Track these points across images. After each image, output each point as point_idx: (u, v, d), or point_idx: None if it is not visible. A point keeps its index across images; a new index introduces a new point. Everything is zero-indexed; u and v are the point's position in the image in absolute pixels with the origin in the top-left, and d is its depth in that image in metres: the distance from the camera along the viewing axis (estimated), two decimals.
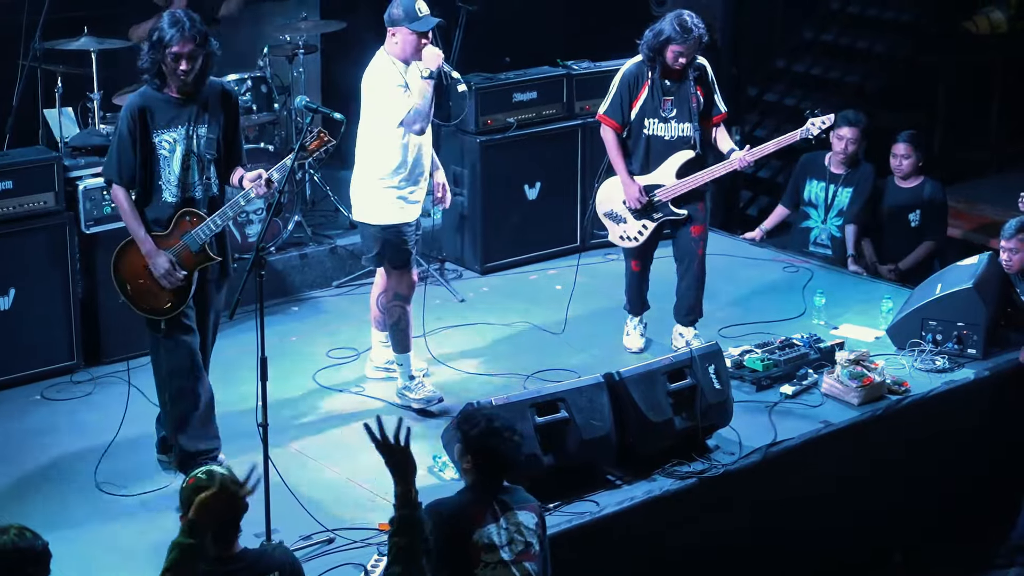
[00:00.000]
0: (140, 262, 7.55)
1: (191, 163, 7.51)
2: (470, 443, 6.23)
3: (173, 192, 7.51)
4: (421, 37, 8.27)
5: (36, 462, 8.14)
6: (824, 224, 11.29)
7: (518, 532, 6.20)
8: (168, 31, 7.34)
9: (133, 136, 7.46)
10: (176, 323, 7.60)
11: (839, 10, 15.37)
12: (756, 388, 8.93)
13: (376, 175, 8.51)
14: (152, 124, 7.46)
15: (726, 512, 8.06)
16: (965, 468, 9.22)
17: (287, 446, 8.15)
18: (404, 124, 8.32)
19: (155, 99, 7.51)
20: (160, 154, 7.48)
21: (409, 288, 8.68)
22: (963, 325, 9.32)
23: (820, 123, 9.21)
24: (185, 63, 7.36)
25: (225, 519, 5.54)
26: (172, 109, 7.49)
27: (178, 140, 7.48)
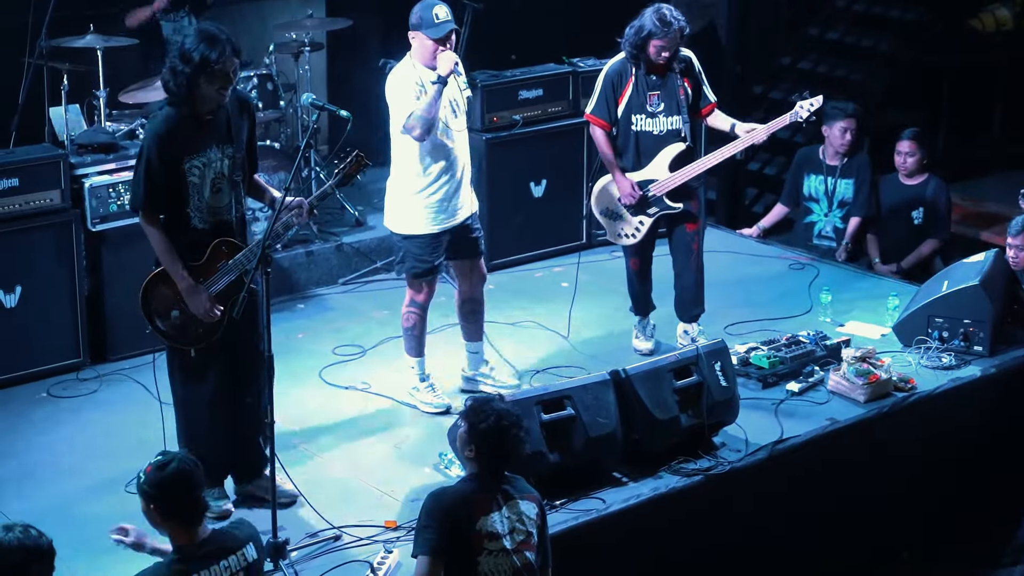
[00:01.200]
0: (173, 294, 7.18)
1: (222, 186, 7.17)
2: (476, 434, 6.23)
3: (204, 219, 7.15)
4: (437, 43, 8.23)
5: (42, 459, 8.14)
6: (828, 216, 11.30)
7: (519, 522, 6.24)
8: (210, 50, 6.90)
9: (164, 165, 7.03)
10: (203, 352, 7.31)
11: (844, 8, 15.36)
12: (762, 385, 8.93)
13: (398, 183, 8.50)
14: (181, 151, 7.06)
15: (732, 509, 8.05)
16: (971, 465, 9.21)
17: (293, 443, 8.15)
18: (405, 130, 8.28)
19: (182, 123, 7.07)
20: (191, 180, 7.08)
21: (426, 298, 8.62)
22: (969, 322, 9.31)
23: (808, 105, 9.20)
24: (231, 82, 7.01)
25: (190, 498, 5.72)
26: (200, 132, 7.11)
27: (208, 164, 7.11)
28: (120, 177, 9.28)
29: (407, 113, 8.25)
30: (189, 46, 6.95)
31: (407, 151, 8.40)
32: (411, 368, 8.76)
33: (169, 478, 5.75)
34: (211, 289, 7.15)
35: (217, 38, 6.95)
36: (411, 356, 8.73)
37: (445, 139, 8.38)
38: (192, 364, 7.31)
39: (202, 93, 7.00)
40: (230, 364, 7.38)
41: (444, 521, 6.10)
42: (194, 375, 7.34)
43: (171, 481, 5.75)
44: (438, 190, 8.42)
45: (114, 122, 10.01)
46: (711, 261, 9.63)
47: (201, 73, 6.93)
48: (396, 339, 9.70)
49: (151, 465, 5.81)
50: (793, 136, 13.33)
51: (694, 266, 9.39)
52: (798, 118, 9.23)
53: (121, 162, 9.36)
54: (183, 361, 7.33)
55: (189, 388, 7.38)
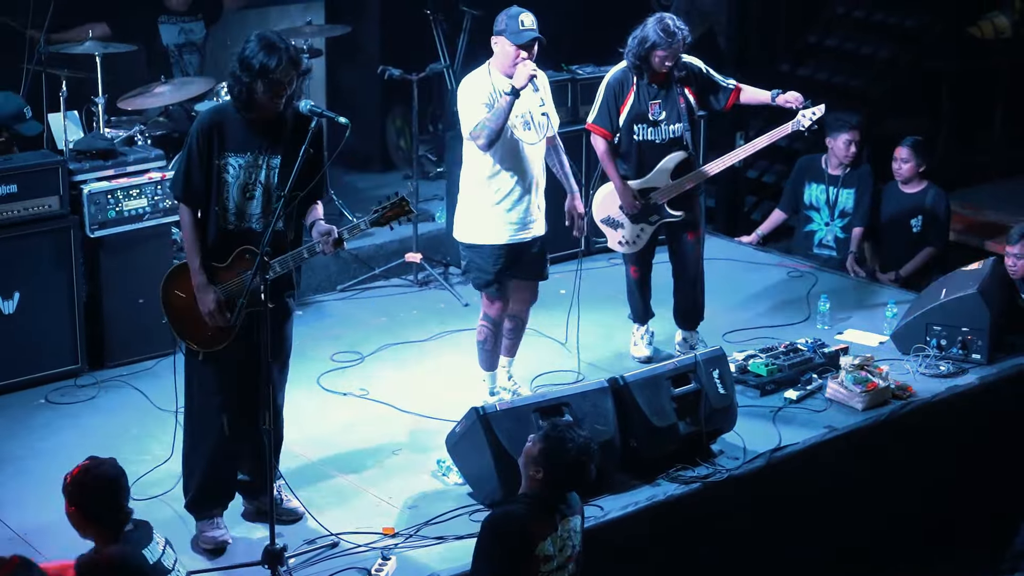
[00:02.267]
0: (190, 289, 7.09)
1: (256, 193, 7.04)
2: (551, 464, 6.27)
3: (230, 220, 7.04)
4: (519, 50, 8.18)
5: (40, 466, 8.13)
6: (829, 226, 11.30)
7: (569, 538, 6.35)
8: (269, 58, 6.85)
9: (202, 154, 7.00)
10: (215, 358, 7.16)
11: (844, 15, 15.37)
12: (760, 393, 8.93)
13: (467, 192, 8.48)
14: (221, 144, 6.99)
15: (730, 517, 8.05)
16: (969, 473, 9.20)
17: (291, 450, 8.14)
18: (471, 137, 8.25)
19: (232, 117, 7.03)
20: (223, 177, 7.01)
21: (497, 312, 8.56)
22: (968, 330, 9.32)
23: (811, 114, 9.21)
24: (288, 88, 6.94)
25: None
26: (246, 132, 7.03)
27: (244, 166, 7.00)
28: (119, 183, 9.27)
29: (475, 120, 8.22)
30: (249, 53, 6.90)
31: (477, 160, 8.38)
32: (482, 381, 8.75)
33: (95, 480, 5.93)
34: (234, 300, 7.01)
35: (276, 46, 6.89)
36: (483, 370, 8.74)
37: (516, 152, 8.33)
38: (210, 375, 7.19)
39: (258, 100, 6.95)
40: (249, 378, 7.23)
41: (503, 551, 6.16)
42: (211, 387, 7.22)
43: (96, 484, 5.94)
44: (506, 202, 8.36)
45: (113, 128, 10.00)
46: (710, 269, 9.63)
47: (259, 80, 6.88)
48: (394, 346, 9.76)
49: (79, 467, 5.96)
50: (792, 143, 13.33)
51: (693, 274, 9.39)
52: (800, 127, 9.24)
53: (119, 168, 9.36)
54: (201, 371, 7.22)
55: (204, 400, 7.25)
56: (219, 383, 7.20)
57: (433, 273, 10.94)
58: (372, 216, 7.09)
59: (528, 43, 8.15)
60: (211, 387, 7.22)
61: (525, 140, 8.34)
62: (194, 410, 7.32)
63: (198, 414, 7.30)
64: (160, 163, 9.44)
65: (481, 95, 8.25)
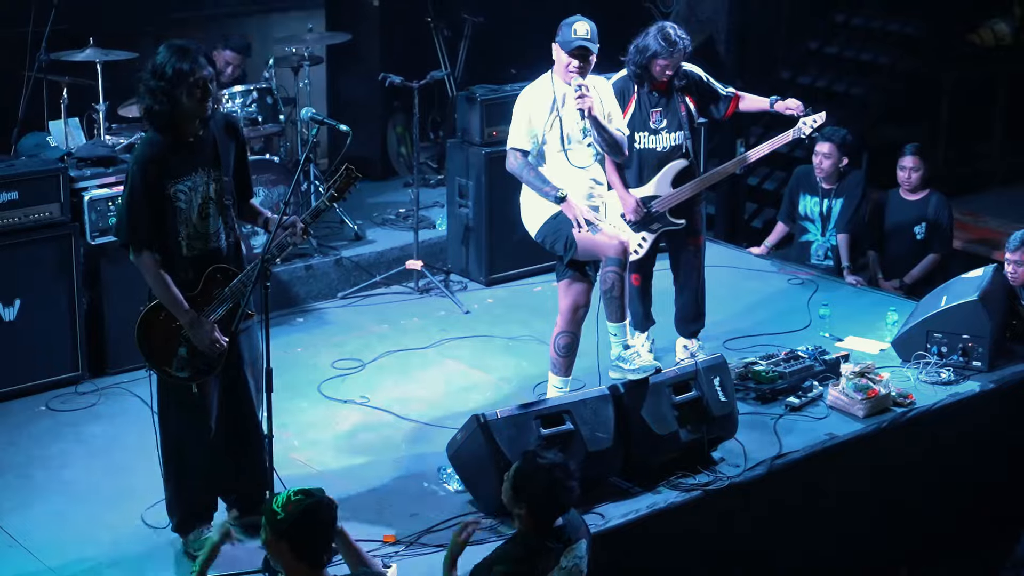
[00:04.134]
0: (169, 327, 6.94)
1: (209, 210, 6.93)
2: (531, 495, 6.25)
3: (193, 245, 6.92)
4: (570, 58, 8.12)
5: (40, 473, 8.13)
6: (823, 237, 11.31)
7: (575, 567, 6.28)
8: (183, 63, 6.70)
9: (149, 191, 6.80)
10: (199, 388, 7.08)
11: (844, 23, 15.39)
12: (761, 400, 8.93)
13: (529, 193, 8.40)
14: (167, 175, 6.82)
15: (731, 524, 8.05)
16: (970, 481, 9.20)
17: (292, 457, 8.15)
18: (508, 150, 8.26)
19: (166, 147, 6.84)
20: (177, 206, 6.85)
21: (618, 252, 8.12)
22: (968, 337, 9.31)
23: (812, 121, 9.23)
24: (210, 87, 6.78)
25: None
26: (185, 155, 6.87)
27: (195, 188, 6.88)
28: (119, 190, 9.23)
29: (523, 126, 8.20)
30: (160, 61, 6.78)
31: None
32: (613, 336, 8.27)
33: (309, 516, 5.77)
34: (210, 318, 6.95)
35: (186, 48, 6.79)
36: (613, 322, 8.28)
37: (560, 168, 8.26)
38: (192, 401, 7.11)
39: (184, 109, 6.80)
40: (229, 394, 7.19)
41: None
42: (194, 412, 7.13)
43: (311, 519, 5.77)
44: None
45: (113, 135, 10.01)
46: (710, 276, 9.62)
47: (178, 86, 6.75)
48: (395, 353, 9.75)
49: (288, 501, 5.77)
50: (792, 151, 13.36)
51: (695, 282, 9.39)
52: (801, 134, 9.26)
53: (120, 175, 9.32)
54: (181, 398, 7.11)
55: (185, 426, 7.15)
56: (199, 414, 7.13)
57: (434, 280, 10.95)
58: (327, 194, 7.00)
59: (574, 50, 8.07)
60: (191, 419, 7.15)
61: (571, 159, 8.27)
62: (171, 437, 7.21)
63: (176, 446, 7.21)
64: None
65: (538, 107, 8.20)
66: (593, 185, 8.33)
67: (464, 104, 11.25)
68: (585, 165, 8.27)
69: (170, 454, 7.23)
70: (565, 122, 8.19)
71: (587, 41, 8.07)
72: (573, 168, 8.23)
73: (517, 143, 8.24)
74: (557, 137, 8.19)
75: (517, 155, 8.24)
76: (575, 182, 8.23)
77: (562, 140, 8.20)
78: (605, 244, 8.08)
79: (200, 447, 7.16)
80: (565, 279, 8.34)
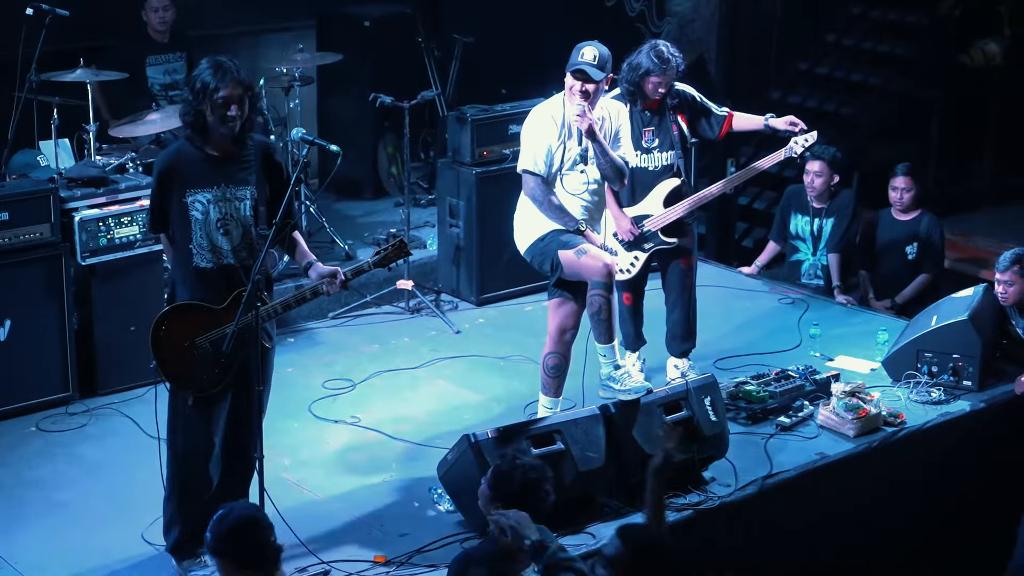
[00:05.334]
0: (185, 329, 7.00)
1: (228, 227, 6.99)
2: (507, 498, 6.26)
3: (207, 258, 6.98)
4: (572, 79, 8.07)
5: (31, 494, 8.12)
6: (814, 256, 11.32)
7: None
8: (209, 75, 6.85)
9: (166, 195, 6.99)
10: (207, 401, 7.11)
11: (834, 43, 15.40)
12: (752, 420, 8.93)
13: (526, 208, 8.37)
14: (183, 183, 6.94)
15: (722, 544, 8.04)
16: (961, 500, 9.20)
17: (283, 477, 8.13)
18: (521, 173, 8.24)
19: (190, 157, 6.98)
20: (192, 216, 6.95)
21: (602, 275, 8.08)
22: (959, 357, 9.32)
23: (803, 140, 9.26)
24: (235, 108, 6.85)
25: None
26: (208, 168, 6.97)
27: (213, 202, 6.96)
28: (110, 211, 9.27)
29: (532, 148, 8.17)
30: (196, 73, 6.94)
31: None
32: (602, 357, 8.25)
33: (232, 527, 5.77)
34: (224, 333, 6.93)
35: (219, 64, 6.90)
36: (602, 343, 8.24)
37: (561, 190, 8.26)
38: (196, 416, 7.12)
39: (208, 124, 6.91)
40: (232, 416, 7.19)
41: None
42: (198, 428, 7.15)
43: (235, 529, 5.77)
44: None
45: (104, 156, 10.01)
46: (701, 296, 9.61)
47: (203, 101, 6.87)
48: (386, 373, 9.75)
49: (211, 522, 5.81)
50: (782, 171, 13.36)
51: (686, 301, 9.39)
52: (793, 153, 9.29)
53: (111, 196, 9.36)
54: (187, 413, 7.13)
55: (191, 441, 7.16)
56: (206, 426, 7.14)
57: (425, 300, 10.94)
58: (374, 258, 7.13)
59: (574, 72, 8.03)
60: (198, 430, 7.15)
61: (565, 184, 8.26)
62: (178, 456, 7.22)
63: (183, 460, 7.21)
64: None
65: (545, 130, 8.17)
66: (590, 209, 8.32)
67: (455, 124, 11.26)
68: (582, 191, 8.26)
69: (175, 469, 7.23)
70: (569, 147, 8.20)
71: (588, 65, 8.02)
72: (572, 192, 8.24)
73: (531, 166, 8.20)
74: (559, 160, 8.20)
75: (534, 179, 8.19)
76: (573, 206, 8.24)
77: (562, 164, 8.21)
78: (590, 267, 8.07)
79: (204, 461, 7.16)
80: (555, 299, 8.35)
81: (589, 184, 8.25)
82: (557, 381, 8.43)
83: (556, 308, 8.36)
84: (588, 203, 8.28)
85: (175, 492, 7.24)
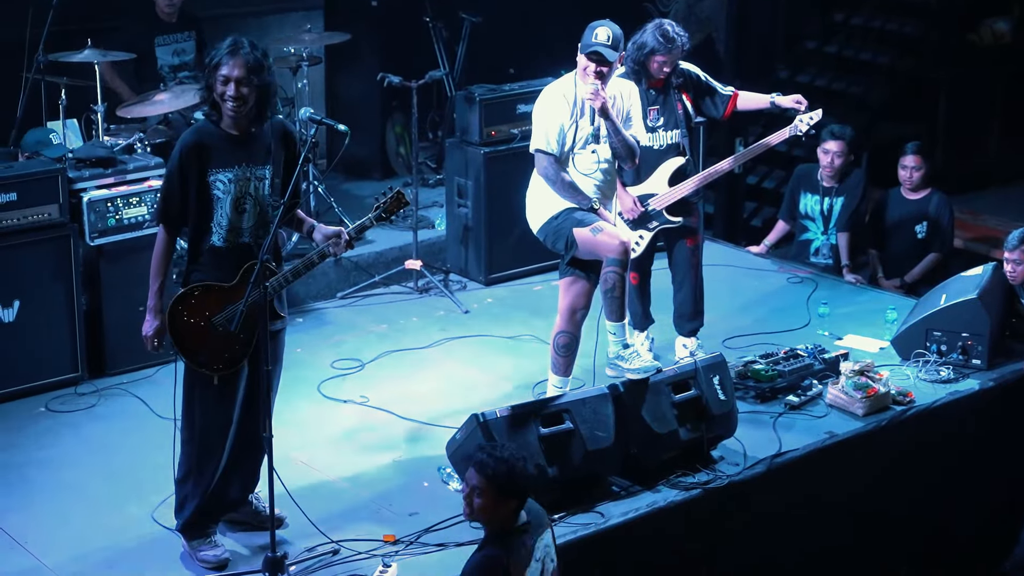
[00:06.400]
0: (201, 309, 6.99)
1: (247, 207, 7.00)
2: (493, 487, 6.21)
3: (223, 236, 6.97)
4: (587, 60, 8.03)
5: (40, 474, 8.13)
6: (824, 236, 11.31)
7: (548, 556, 6.28)
8: (220, 52, 6.87)
9: (184, 175, 6.94)
10: (224, 379, 7.10)
11: (843, 22, 15.38)
12: (760, 399, 8.93)
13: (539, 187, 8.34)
14: (206, 162, 6.93)
15: (730, 523, 8.05)
16: (970, 479, 9.20)
17: (292, 457, 8.14)
18: (534, 153, 8.19)
19: (211, 135, 6.99)
20: (214, 194, 6.94)
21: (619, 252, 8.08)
22: (967, 336, 9.32)
23: (808, 119, 9.24)
24: (233, 88, 6.83)
25: None
26: (229, 147, 6.97)
27: (233, 181, 6.95)
28: (118, 191, 9.27)
29: (544, 127, 8.14)
30: (213, 51, 6.99)
31: None
32: (612, 335, 8.26)
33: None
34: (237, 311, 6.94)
35: (233, 43, 6.91)
36: (613, 321, 8.26)
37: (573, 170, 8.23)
38: (214, 395, 7.12)
39: (217, 99, 6.93)
40: (248, 394, 7.19)
41: None
42: (216, 406, 7.15)
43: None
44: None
45: (112, 136, 10.00)
46: (709, 275, 9.62)
47: (210, 76, 6.91)
48: (394, 353, 9.75)
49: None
50: (791, 150, 13.36)
51: (693, 280, 9.39)
52: (797, 132, 9.27)
53: (119, 176, 9.36)
54: (204, 393, 7.13)
55: (209, 419, 7.16)
56: (223, 406, 7.15)
57: (433, 280, 10.95)
58: (374, 213, 7.16)
59: (590, 54, 8.00)
60: (215, 410, 7.16)
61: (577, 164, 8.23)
62: (196, 433, 7.21)
63: (200, 438, 7.20)
64: (160, 171, 9.41)
65: (558, 110, 8.14)
66: (602, 188, 8.30)
67: (463, 104, 11.25)
68: (595, 170, 8.25)
69: (192, 447, 7.22)
70: (581, 126, 8.19)
71: (604, 47, 7.99)
72: (585, 171, 8.22)
73: (544, 145, 8.17)
74: (571, 139, 8.17)
75: (547, 159, 8.17)
76: (585, 184, 8.22)
77: (574, 143, 8.19)
78: (606, 244, 8.06)
79: (222, 439, 7.17)
80: (567, 277, 8.33)
81: (601, 163, 8.24)
82: (567, 360, 8.42)
83: (568, 287, 8.34)
84: (600, 182, 8.26)
85: (192, 471, 7.23)
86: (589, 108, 8.11)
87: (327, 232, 7.15)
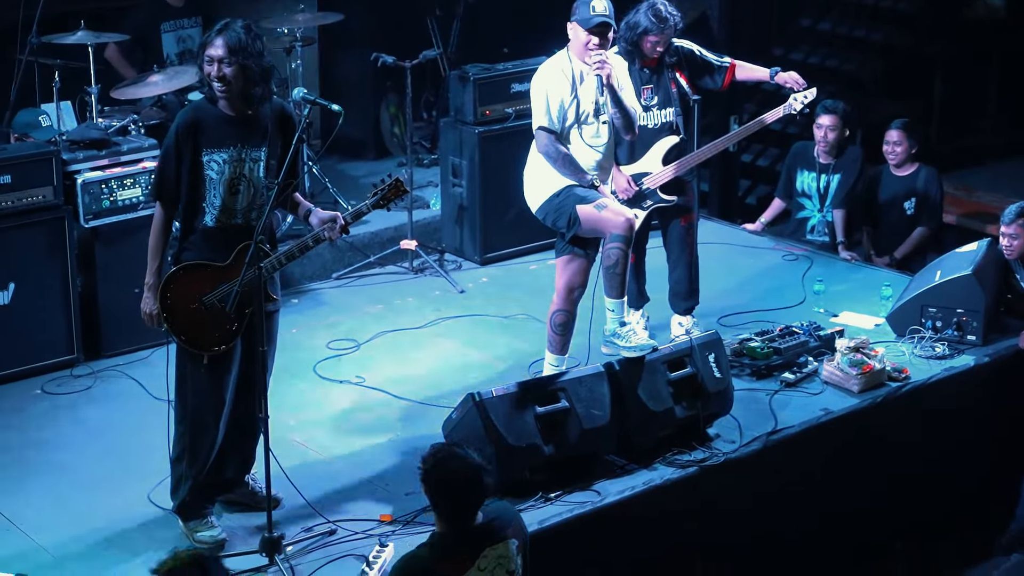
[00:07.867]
0: (192, 289, 7.00)
1: (240, 188, 7.00)
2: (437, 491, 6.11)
3: (215, 216, 6.99)
4: (589, 36, 8.02)
5: (36, 456, 8.14)
6: (820, 213, 11.31)
7: (499, 566, 6.08)
8: (211, 34, 6.92)
9: (179, 153, 6.96)
10: (217, 359, 7.10)
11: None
12: (756, 376, 8.94)
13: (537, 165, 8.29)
14: (202, 141, 6.95)
15: (727, 500, 8.06)
16: (965, 455, 9.22)
17: (288, 438, 8.15)
18: (537, 131, 8.15)
19: (208, 114, 7.01)
20: (207, 174, 6.96)
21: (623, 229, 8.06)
22: (963, 311, 9.32)
23: (803, 97, 9.24)
24: (216, 68, 6.85)
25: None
26: (224, 127, 6.99)
27: (228, 161, 6.97)
28: (113, 173, 9.27)
29: (545, 105, 8.10)
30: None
31: None
32: (610, 312, 8.24)
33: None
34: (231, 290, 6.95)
35: (223, 24, 6.95)
36: (613, 297, 8.23)
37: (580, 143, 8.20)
38: (205, 374, 7.12)
39: (204, 78, 6.97)
40: (241, 375, 7.19)
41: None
42: (208, 386, 7.14)
43: None
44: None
45: (106, 118, 9.99)
46: (704, 253, 9.62)
47: (199, 56, 6.96)
48: (390, 333, 9.75)
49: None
50: (786, 127, 13.34)
51: (688, 259, 9.40)
52: (792, 110, 9.27)
53: (113, 158, 9.35)
54: (196, 372, 7.13)
55: (201, 399, 7.16)
56: (215, 386, 7.14)
57: (428, 260, 10.94)
58: (372, 199, 7.12)
59: (596, 28, 7.98)
60: (207, 390, 7.15)
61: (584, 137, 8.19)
62: (188, 413, 7.21)
63: (193, 417, 7.20)
64: (154, 152, 9.40)
65: (557, 85, 8.10)
66: (601, 163, 8.28)
67: (457, 83, 11.24)
68: (596, 144, 8.23)
69: (185, 428, 7.23)
70: (582, 101, 8.17)
71: (606, 17, 8.00)
72: (585, 146, 8.20)
73: (544, 122, 8.13)
74: (573, 115, 8.16)
75: (548, 136, 8.13)
76: (585, 159, 8.20)
77: (577, 118, 8.17)
78: (610, 221, 8.05)
79: (215, 418, 7.16)
80: (565, 255, 8.32)
81: (602, 137, 8.24)
82: (563, 339, 8.42)
83: (565, 265, 8.34)
84: (602, 156, 8.26)
85: (185, 452, 7.24)
86: (589, 82, 8.09)
87: (323, 216, 7.16)
